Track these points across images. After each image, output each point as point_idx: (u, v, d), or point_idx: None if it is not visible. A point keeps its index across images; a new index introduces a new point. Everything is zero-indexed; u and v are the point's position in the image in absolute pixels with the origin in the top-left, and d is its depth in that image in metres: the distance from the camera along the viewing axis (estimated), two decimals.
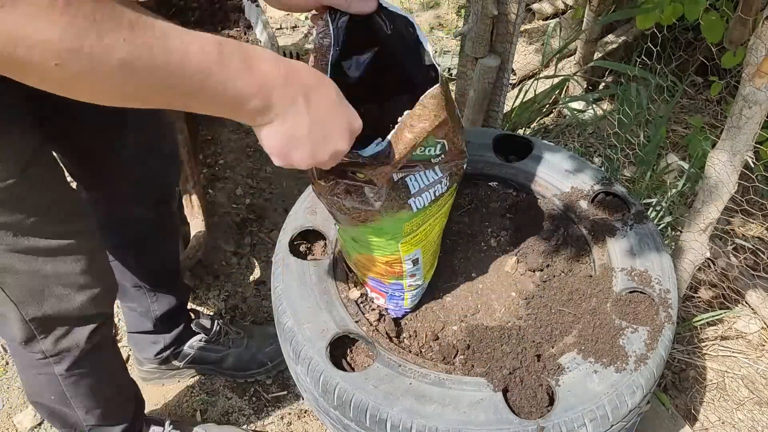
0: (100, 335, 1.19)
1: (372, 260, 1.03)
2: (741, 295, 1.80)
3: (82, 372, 1.21)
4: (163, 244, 1.50)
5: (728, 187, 1.18)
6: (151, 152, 1.29)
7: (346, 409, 0.95)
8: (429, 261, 1.09)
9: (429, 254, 1.07)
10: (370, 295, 1.12)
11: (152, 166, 1.31)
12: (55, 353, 1.15)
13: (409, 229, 0.98)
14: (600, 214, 1.23)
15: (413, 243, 1.01)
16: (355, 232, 0.99)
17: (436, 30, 2.96)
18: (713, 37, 1.80)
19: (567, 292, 1.13)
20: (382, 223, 0.94)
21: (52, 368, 1.17)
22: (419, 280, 1.08)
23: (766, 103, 1.06)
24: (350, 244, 1.04)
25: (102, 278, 1.15)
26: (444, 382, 0.96)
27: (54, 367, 1.17)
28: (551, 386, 0.95)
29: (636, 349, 0.99)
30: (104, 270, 1.16)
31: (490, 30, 1.51)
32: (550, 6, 2.94)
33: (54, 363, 1.17)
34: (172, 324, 1.59)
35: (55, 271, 1.04)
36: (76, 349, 1.16)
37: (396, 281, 1.06)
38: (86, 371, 1.22)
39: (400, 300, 1.10)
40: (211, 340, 1.66)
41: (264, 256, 2.03)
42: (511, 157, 1.35)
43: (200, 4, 1.99)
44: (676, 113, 2.37)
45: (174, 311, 1.58)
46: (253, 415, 1.66)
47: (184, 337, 1.64)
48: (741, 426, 1.59)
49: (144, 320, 1.56)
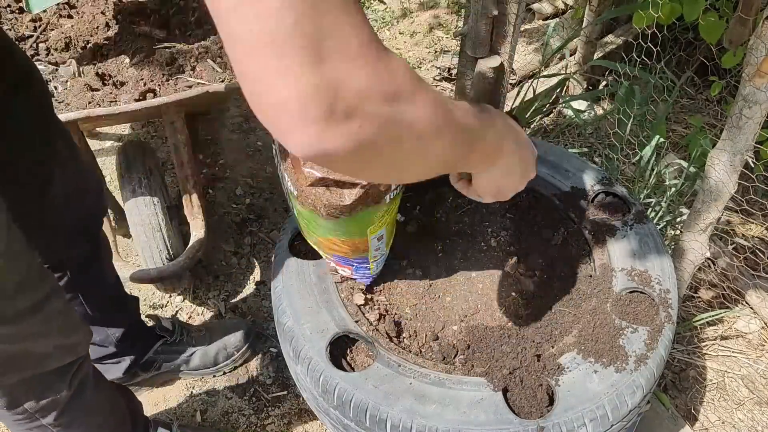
0: (80, 376, 1.17)
1: (337, 242, 1.04)
2: (741, 295, 1.80)
3: (70, 417, 1.19)
4: (100, 272, 1.48)
5: (728, 187, 1.18)
6: (79, 192, 1.29)
7: (346, 409, 0.95)
8: (390, 231, 1.10)
9: (390, 227, 1.09)
10: (332, 266, 1.12)
11: (82, 206, 1.31)
12: (39, 409, 1.13)
13: (378, 217, 0.99)
14: (600, 214, 1.23)
15: (380, 226, 1.02)
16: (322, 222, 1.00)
17: (436, 30, 2.95)
18: (712, 38, 1.80)
19: (567, 292, 1.13)
20: (355, 217, 0.95)
21: (39, 422, 1.16)
22: (383, 251, 1.11)
23: (766, 103, 1.06)
24: (312, 227, 1.03)
25: (76, 330, 1.13)
26: (444, 382, 0.96)
27: (41, 421, 1.16)
28: (551, 386, 0.95)
29: (636, 349, 0.99)
30: (77, 323, 1.14)
31: (490, 30, 1.50)
32: (550, 6, 2.94)
33: (40, 417, 1.15)
34: (132, 340, 1.59)
35: (33, 343, 1.02)
36: (61, 399, 1.15)
37: (361, 256, 1.07)
38: (74, 414, 1.20)
39: (365, 270, 1.11)
40: (175, 341, 1.67)
41: (264, 256, 2.03)
42: None
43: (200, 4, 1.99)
44: (676, 113, 2.37)
45: (131, 328, 1.57)
46: (253, 415, 1.66)
47: (146, 348, 1.64)
48: (741, 426, 1.59)
49: (105, 347, 1.55)
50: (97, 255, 1.44)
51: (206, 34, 1.89)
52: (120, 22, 1.97)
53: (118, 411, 1.37)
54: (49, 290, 1.05)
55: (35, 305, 1.00)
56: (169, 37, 1.91)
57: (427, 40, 2.91)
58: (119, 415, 1.37)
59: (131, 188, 1.82)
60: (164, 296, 1.93)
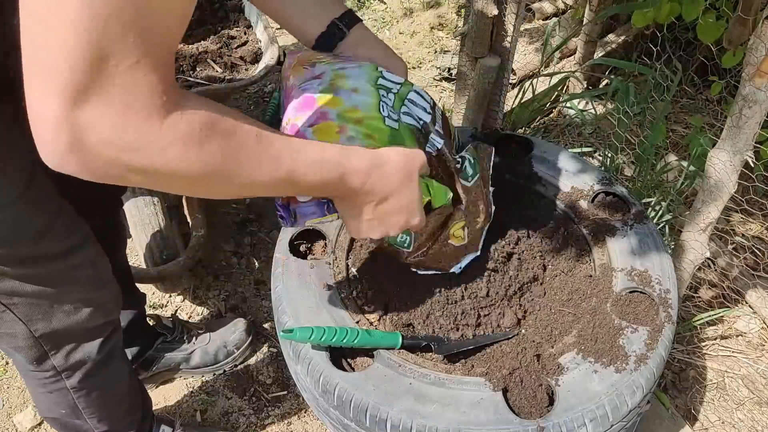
0: (110, 344, 1.19)
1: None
2: (741, 294, 1.80)
3: (93, 383, 1.21)
4: (114, 253, 1.47)
5: (728, 187, 1.18)
6: None
7: (346, 409, 0.95)
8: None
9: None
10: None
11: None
12: (67, 368, 1.15)
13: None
14: (600, 214, 1.23)
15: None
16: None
17: (437, 30, 2.95)
18: (709, 38, 1.80)
19: (567, 292, 1.13)
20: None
21: (63, 383, 1.17)
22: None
23: (766, 103, 1.06)
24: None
25: (106, 286, 1.14)
26: (444, 382, 0.96)
27: (65, 381, 1.17)
28: (551, 386, 0.95)
29: (636, 349, 0.99)
30: (108, 277, 1.16)
31: (490, 30, 1.50)
32: (550, 6, 2.94)
33: (65, 377, 1.16)
34: (135, 334, 1.59)
35: (62, 288, 1.04)
36: (89, 361, 1.16)
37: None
38: (98, 382, 1.21)
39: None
40: (175, 339, 1.67)
41: (264, 256, 2.03)
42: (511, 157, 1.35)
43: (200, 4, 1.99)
44: (676, 113, 2.37)
45: (136, 320, 1.58)
46: (253, 415, 1.66)
47: (148, 345, 1.65)
48: (741, 426, 1.59)
49: None
50: (111, 235, 1.44)
51: (206, 34, 1.89)
52: None
53: (136, 395, 1.39)
54: (81, 240, 1.07)
55: (63, 252, 1.02)
56: None
57: (427, 40, 2.91)
58: (135, 400, 1.38)
59: (131, 188, 1.82)
60: (164, 296, 1.93)
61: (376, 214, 0.87)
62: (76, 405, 1.22)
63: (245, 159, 0.68)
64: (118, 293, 1.19)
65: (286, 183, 0.74)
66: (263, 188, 0.73)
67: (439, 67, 2.68)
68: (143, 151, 0.59)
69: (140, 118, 0.57)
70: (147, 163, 0.60)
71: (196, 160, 0.63)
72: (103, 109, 0.55)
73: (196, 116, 0.62)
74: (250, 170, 0.69)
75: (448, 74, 2.64)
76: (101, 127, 0.56)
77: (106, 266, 1.15)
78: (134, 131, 0.57)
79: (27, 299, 1.02)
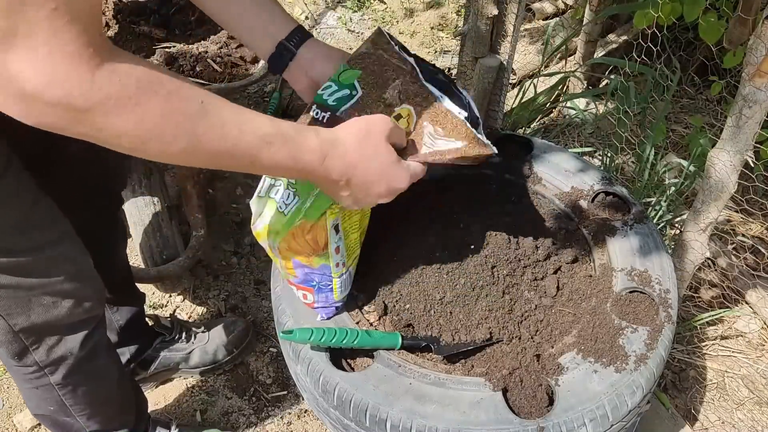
0: (93, 341, 1.18)
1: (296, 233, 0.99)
2: (741, 294, 1.80)
3: (78, 379, 1.20)
4: (113, 250, 1.48)
5: (728, 187, 1.18)
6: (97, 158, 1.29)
7: (346, 409, 0.95)
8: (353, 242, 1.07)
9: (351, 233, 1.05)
10: (297, 294, 1.10)
11: (97, 173, 1.30)
12: (49, 363, 1.14)
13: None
14: (600, 214, 1.23)
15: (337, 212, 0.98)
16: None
17: (437, 30, 2.95)
18: (711, 38, 1.80)
19: (567, 291, 1.13)
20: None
21: (47, 379, 1.16)
22: (343, 258, 1.05)
23: (766, 103, 1.06)
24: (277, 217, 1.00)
25: (87, 282, 1.13)
26: (444, 382, 0.96)
27: (49, 378, 1.16)
28: (551, 386, 0.96)
29: (636, 349, 0.99)
30: (88, 273, 1.14)
31: (490, 30, 1.50)
32: (550, 6, 2.94)
33: (49, 373, 1.16)
34: (134, 332, 1.59)
35: (39, 281, 1.03)
36: (70, 356, 1.15)
37: (324, 264, 1.03)
38: (82, 378, 1.20)
39: (329, 292, 1.06)
40: (174, 339, 1.67)
41: (264, 256, 2.02)
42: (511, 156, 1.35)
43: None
44: (676, 113, 2.37)
45: (135, 319, 1.57)
46: (253, 415, 1.66)
47: (147, 345, 1.64)
48: (741, 426, 1.59)
49: (108, 334, 1.55)
50: (109, 231, 1.44)
51: (206, 34, 1.89)
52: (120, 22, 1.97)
53: (128, 395, 1.38)
54: (58, 234, 1.05)
55: (39, 245, 1.01)
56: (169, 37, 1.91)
57: (427, 40, 2.91)
58: (126, 400, 1.38)
59: (131, 188, 1.82)
60: (164, 296, 1.93)
61: (354, 189, 0.86)
62: (64, 402, 1.22)
63: (186, 123, 0.67)
64: (100, 289, 1.18)
65: (235, 157, 0.73)
66: (211, 159, 0.72)
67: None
68: (75, 102, 0.60)
69: (66, 67, 0.58)
70: (82, 117, 0.61)
71: (131, 118, 0.63)
72: (29, 53, 0.56)
73: (134, 72, 0.62)
74: (191, 135, 0.68)
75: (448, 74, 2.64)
76: (30, 73, 0.57)
77: (86, 262, 1.13)
78: (62, 81, 0.58)
79: (3, 291, 1.01)
